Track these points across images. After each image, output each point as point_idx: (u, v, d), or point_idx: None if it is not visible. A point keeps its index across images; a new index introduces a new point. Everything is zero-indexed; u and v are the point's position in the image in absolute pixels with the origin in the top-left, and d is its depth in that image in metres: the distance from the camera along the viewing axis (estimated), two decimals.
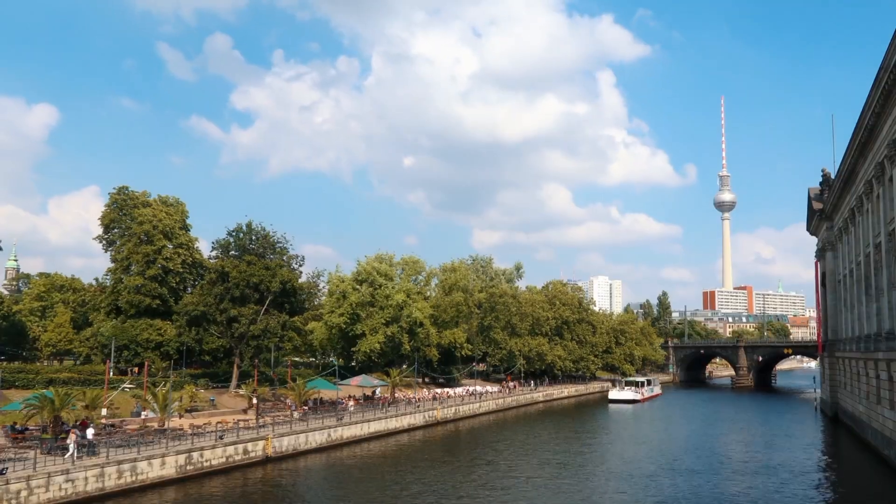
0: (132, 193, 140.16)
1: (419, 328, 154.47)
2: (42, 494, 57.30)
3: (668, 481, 74.12)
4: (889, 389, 78.96)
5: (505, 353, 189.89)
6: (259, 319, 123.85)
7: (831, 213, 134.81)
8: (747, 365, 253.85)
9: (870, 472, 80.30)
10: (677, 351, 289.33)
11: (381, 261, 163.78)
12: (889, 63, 68.51)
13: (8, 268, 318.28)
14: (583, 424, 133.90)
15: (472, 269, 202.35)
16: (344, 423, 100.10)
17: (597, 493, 69.30)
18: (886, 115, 77.99)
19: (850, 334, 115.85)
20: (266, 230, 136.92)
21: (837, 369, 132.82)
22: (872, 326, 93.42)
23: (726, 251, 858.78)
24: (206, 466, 74.20)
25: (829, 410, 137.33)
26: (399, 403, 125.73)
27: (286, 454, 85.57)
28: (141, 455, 67.54)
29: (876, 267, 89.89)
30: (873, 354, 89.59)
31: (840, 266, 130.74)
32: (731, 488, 70.42)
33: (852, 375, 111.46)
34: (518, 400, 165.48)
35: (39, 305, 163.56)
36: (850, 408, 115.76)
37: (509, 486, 72.00)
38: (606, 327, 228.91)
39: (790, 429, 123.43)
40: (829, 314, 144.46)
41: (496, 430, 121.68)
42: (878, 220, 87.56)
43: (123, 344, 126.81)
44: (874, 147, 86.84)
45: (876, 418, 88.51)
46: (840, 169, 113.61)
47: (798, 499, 64.63)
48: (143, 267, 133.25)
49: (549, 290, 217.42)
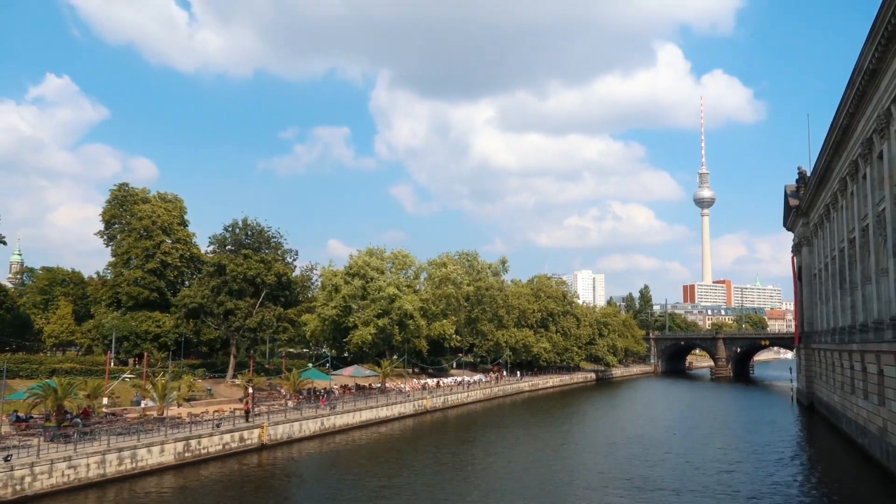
0: (132, 190, 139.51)
1: (409, 320, 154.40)
2: (45, 480, 57.29)
3: (649, 464, 74.40)
4: (863, 380, 79.18)
5: (492, 345, 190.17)
6: (255, 312, 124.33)
7: (807, 209, 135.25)
8: (726, 356, 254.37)
9: (845, 458, 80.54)
10: (659, 342, 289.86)
11: (373, 255, 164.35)
12: (863, 65, 68.69)
13: (12, 262, 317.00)
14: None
15: (459, 262, 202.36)
16: (336, 412, 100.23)
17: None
18: (860, 115, 78.23)
19: (826, 326, 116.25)
20: (261, 226, 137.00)
21: (813, 360, 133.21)
22: (847, 319, 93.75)
23: (706, 246, 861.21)
24: (204, 453, 74.25)
25: (805, 400, 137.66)
26: (390, 393, 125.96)
27: (281, 442, 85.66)
28: (141, 442, 67.61)
29: (850, 261, 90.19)
30: (848, 346, 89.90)
31: (816, 261, 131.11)
32: (710, 473, 70.49)
33: (827, 366, 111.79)
34: (504, 390, 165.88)
35: (42, 298, 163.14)
36: (825, 397, 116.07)
37: (489, 464, 72.47)
38: (590, 319, 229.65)
39: (767, 417, 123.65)
40: (805, 307, 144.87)
41: (483, 418, 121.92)
42: (852, 216, 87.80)
43: (123, 335, 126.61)
44: (848, 146, 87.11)
45: (850, 408, 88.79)
46: (816, 167, 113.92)
47: (776, 484, 64.75)
48: (142, 261, 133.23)
49: (534, 284, 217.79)
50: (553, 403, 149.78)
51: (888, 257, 67.19)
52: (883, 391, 68.25)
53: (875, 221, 73.72)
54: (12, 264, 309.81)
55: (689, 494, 61.22)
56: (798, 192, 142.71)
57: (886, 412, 66.68)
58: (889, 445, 65.28)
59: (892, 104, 63.13)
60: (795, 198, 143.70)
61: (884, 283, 70.51)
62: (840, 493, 63.60)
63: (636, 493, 60.81)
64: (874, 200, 73.82)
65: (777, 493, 61.07)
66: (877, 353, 70.80)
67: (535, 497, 59.38)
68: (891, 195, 65.22)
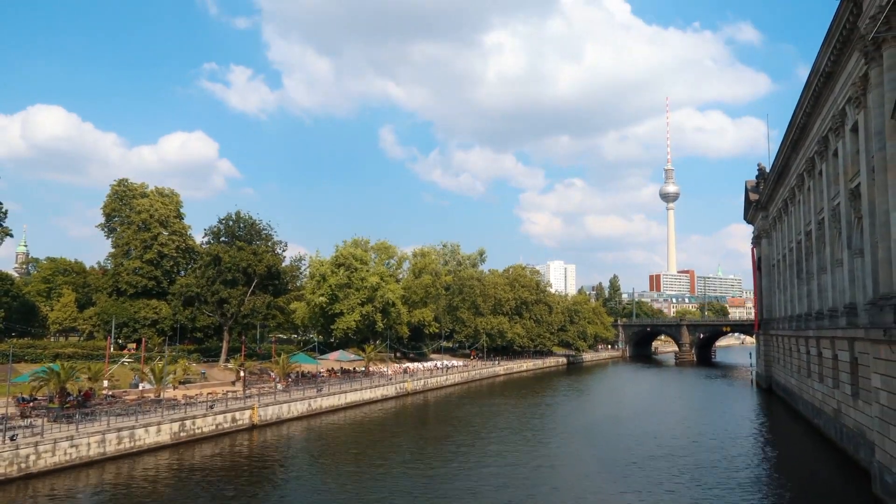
0: (131, 185, 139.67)
1: (392, 308, 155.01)
2: (49, 458, 57.15)
3: (617, 444, 74.68)
4: (818, 364, 79.65)
5: (470, 331, 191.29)
6: (246, 300, 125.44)
7: (766, 203, 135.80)
8: (690, 341, 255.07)
9: (801, 438, 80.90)
10: (626, 329, 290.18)
11: (358, 246, 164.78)
12: (819, 67, 68.94)
13: (18, 252, 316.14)
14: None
15: (440, 253, 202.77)
16: (323, 394, 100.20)
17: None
18: (816, 115, 78.70)
19: (783, 314, 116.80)
20: (253, 218, 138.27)
21: (771, 346, 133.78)
22: (803, 307, 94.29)
23: (671, 238, 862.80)
24: (198, 433, 74.13)
25: (764, 383, 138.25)
26: (373, 376, 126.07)
27: (270, 422, 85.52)
28: (139, 423, 67.52)
29: (807, 253, 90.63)
30: (804, 332, 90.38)
31: (774, 252, 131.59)
32: (673, 451, 70.75)
33: (785, 351, 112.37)
34: (481, 373, 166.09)
35: (46, 287, 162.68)
36: (782, 380, 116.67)
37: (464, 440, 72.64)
38: (562, 307, 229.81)
39: (728, 399, 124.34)
40: (764, 295, 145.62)
41: (460, 399, 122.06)
42: (809, 210, 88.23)
43: (123, 322, 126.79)
44: (806, 143, 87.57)
45: (806, 390, 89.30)
46: (774, 163, 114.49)
47: (736, 460, 65.06)
48: (140, 252, 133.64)
49: (509, 274, 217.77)
50: (525, 389, 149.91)
51: (842, 249, 67.61)
52: (837, 375, 68.68)
53: (830, 215, 74.16)
54: (18, 254, 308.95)
55: (650, 463, 61.86)
56: (758, 187, 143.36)
57: (840, 394, 67.08)
58: (842, 426, 65.69)
59: (847, 105, 63.43)
60: (755, 193, 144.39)
61: (838, 273, 70.98)
62: (796, 470, 63.91)
63: (604, 468, 61.08)
64: (830, 195, 74.26)
65: (735, 468, 61.33)
66: (831, 338, 71.22)
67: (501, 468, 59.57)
68: (845, 190, 65.57)
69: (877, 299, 49.34)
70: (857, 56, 56.26)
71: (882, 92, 47.02)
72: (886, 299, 45.75)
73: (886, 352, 43.63)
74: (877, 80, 48.79)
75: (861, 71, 55.73)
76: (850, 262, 64.94)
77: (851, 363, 61.75)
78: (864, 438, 56.11)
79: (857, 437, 59.43)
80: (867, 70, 51.80)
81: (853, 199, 63.09)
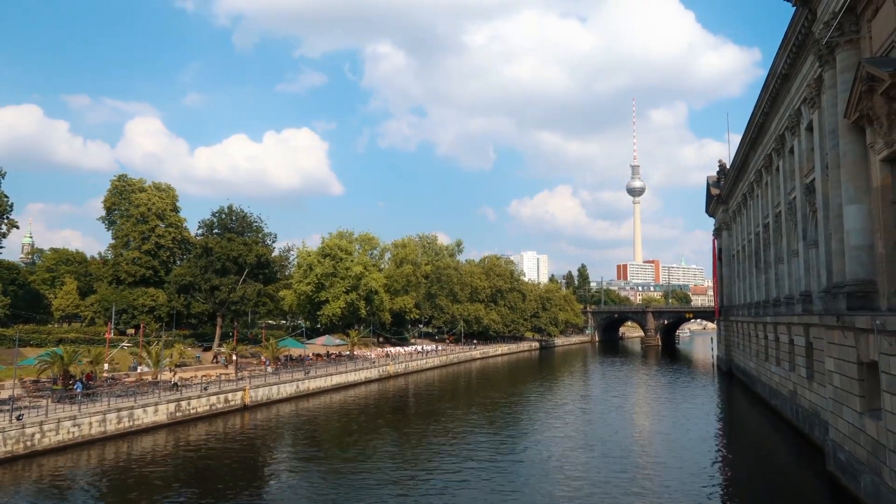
0: (130, 180, 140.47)
1: (375, 295, 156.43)
2: (53, 437, 57.06)
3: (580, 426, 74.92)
4: (776, 349, 79.99)
5: (448, 317, 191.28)
6: (238, 288, 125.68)
7: (727, 197, 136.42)
8: (655, 327, 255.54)
9: (759, 418, 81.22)
10: (595, 315, 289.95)
11: (343, 237, 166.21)
12: (776, 69, 69.21)
13: (24, 243, 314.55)
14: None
15: (419, 244, 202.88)
16: (310, 377, 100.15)
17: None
18: (774, 115, 79.08)
19: (743, 301, 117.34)
20: (244, 212, 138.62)
21: (732, 331, 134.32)
22: (761, 294, 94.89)
23: (637, 229, 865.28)
24: (193, 413, 74.05)
25: (725, 367, 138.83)
26: (358, 360, 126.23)
27: (261, 403, 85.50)
28: (137, 403, 67.34)
29: (765, 244, 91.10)
30: (762, 318, 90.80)
31: (734, 243, 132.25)
32: (637, 433, 71.16)
33: (744, 336, 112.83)
34: (459, 357, 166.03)
35: (50, 276, 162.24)
36: (742, 364, 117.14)
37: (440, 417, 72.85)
38: (534, 295, 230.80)
39: (691, 382, 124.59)
40: (725, 284, 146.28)
41: (438, 380, 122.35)
42: (767, 204, 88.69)
43: (122, 309, 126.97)
44: (764, 141, 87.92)
45: (764, 373, 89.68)
46: (734, 160, 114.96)
47: (698, 440, 65.26)
48: (139, 243, 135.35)
49: (485, 263, 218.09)
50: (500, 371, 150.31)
51: (798, 240, 68.08)
52: (793, 359, 69.00)
53: (787, 208, 74.60)
54: (24, 245, 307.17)
55: (612, 440, 62.15)
56: (719, 182, 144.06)
57: (796, 377, 67.39)
58: (799, 406, 65.98)
59: (802, 105, 63.76)
60: (716, 187, 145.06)
61: (794, 262, 71.46)
62: (754, 448, 64.14)
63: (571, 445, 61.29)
64: (786, 190, 74.70)
65: (696, 447, 61.47)
66: (788, 324, 71.56)
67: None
68: (801, 185, 65.96)
69: (830, 287, 49.66)
70: (812, 59, 56.55)
71: (835, 93, 47.18)
72: (839, 287, 46.01)
73: (839, 337, 43.83)
74: (830, 82, 48.95)
75: (816, 73, 56.00)
76: (806, 253, 65.37)
77: (807, 347, 62.03)
78: (818, 418, 56.39)
79: (812, 417, 59.72)
80: (821, 72, 51.98)
81: (808, 193, 63.44)
